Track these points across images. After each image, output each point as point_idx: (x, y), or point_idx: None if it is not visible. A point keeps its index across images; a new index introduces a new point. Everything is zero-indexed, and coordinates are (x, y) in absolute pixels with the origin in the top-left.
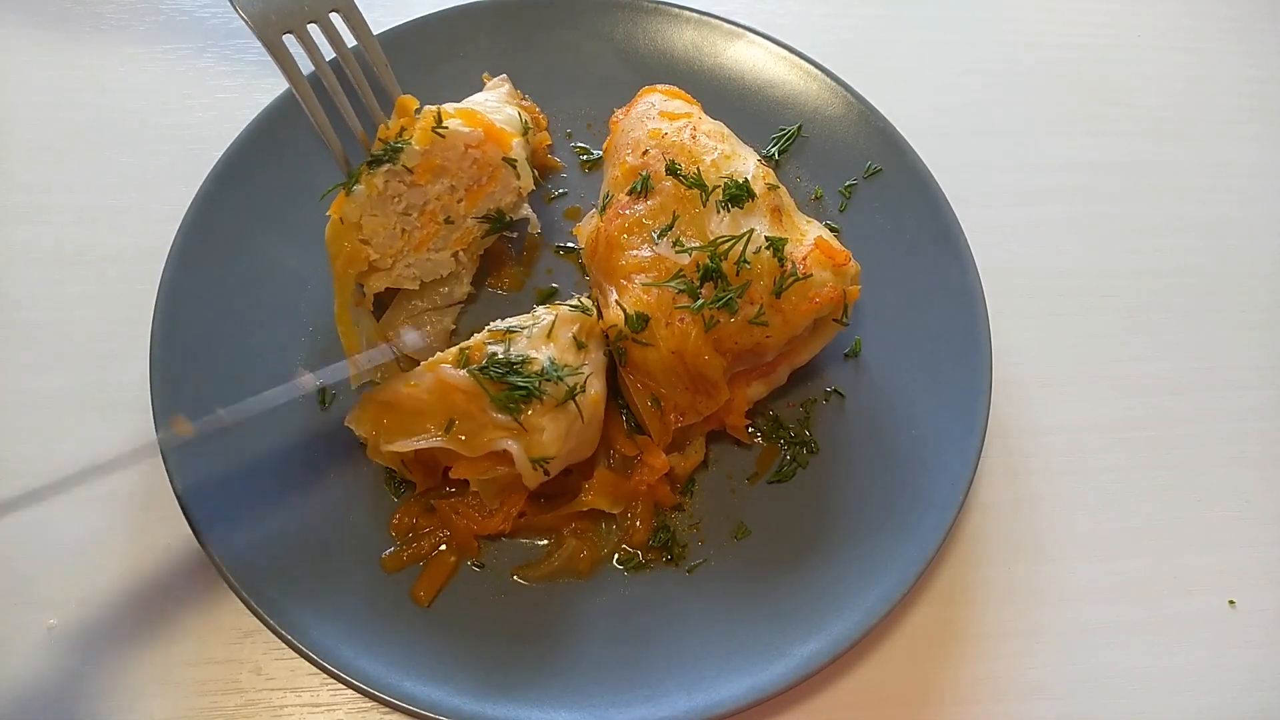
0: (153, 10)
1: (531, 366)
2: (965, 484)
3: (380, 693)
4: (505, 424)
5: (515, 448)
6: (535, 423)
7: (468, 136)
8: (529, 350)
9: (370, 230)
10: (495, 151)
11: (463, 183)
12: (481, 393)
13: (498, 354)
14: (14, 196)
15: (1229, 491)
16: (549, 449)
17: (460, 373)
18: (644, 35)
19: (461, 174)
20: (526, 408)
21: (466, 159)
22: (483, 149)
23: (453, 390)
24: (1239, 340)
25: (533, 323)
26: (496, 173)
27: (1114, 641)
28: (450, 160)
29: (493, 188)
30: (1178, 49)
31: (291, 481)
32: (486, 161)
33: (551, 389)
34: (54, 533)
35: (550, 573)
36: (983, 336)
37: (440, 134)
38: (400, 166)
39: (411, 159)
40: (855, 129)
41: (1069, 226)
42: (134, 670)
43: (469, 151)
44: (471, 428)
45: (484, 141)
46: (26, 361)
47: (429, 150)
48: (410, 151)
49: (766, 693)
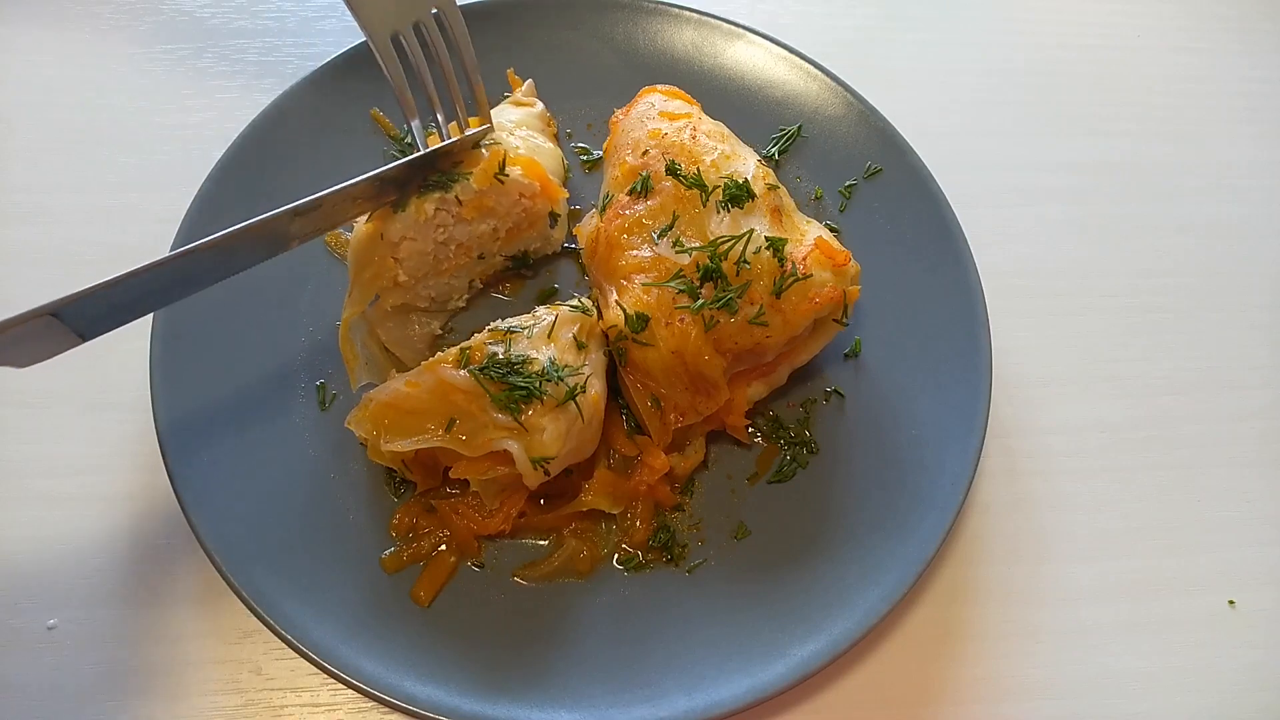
0: (153, 10)
1: (532, 367)
2: (965, 484)
3: (380, 693)
4: (506, 424)
5: (516, 448)
6: (536, 423)
7: (525, 187)
8: (529, 350)
9: (406, 253)
10: (545, 205)
11: (505, 225)
12: (482, 393)
13: (498, 354)
14: (14, 196)
15: (1229, 491)
16: (549, 449)
17: (461, 373)
18: (644, 35)
19: (508, 218)
20: (527, 408)
21: (517, 206)
22: (534, 200)
23: (453, 390)
24: (1239, 340)
25: (533, 323)
26: (539, 221)
27: (1114, 641)
28: (502, 205)
29: (530, 234)
30: (1178, 49)
31: (291, 482)
32: (534, 211)
33: (552, 389)
34: (54, 533)
35: (550, 573)
36: (983, 336)
37: (501, 180)
38: (453, 197)
39: (466, 193)
40: (855, 129)
41: (1069, 226)
42: (134, 670)
43: (521, 200)
44: (472, 427)
45: (538, 195)
46: None
47: (484, 191)
48: (466, 186)
49: (766, 693)
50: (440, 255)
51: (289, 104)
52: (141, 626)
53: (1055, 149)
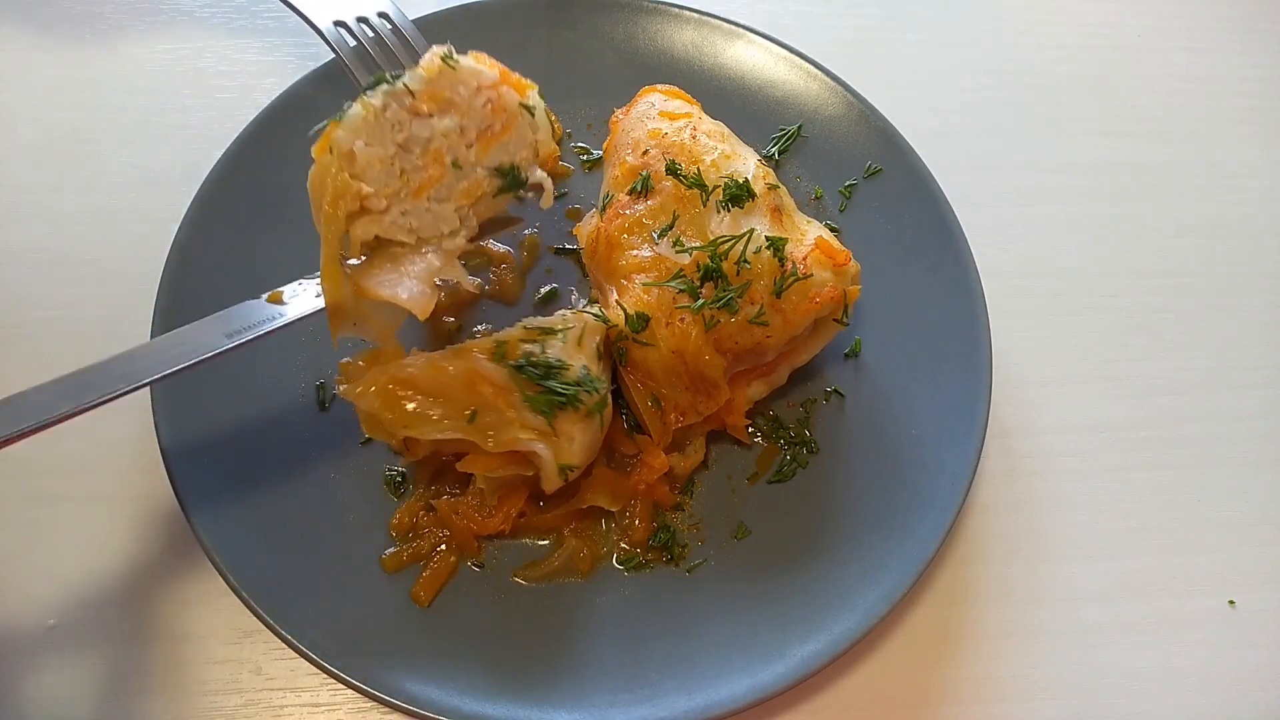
0: (153, 10)
1: (568, 374)
2: (965, 484)
3: (380, 693)
4: (537, 425)
5: (546, 452)
6: (567, 430)
7: (481, 75)
8: (563, 355)
9: (365, 162)
10: (512, 97)
11: (473, 125)
12: (511, 389)
13: (533, 354)
14: (14, 196)
15: (1229, 491)
16: (576, 457)
17: (496, 366)
18: (644, 35)
19: (473, 115)
20: (560, 413)
21: (479, 98)
22: (498, 92)
23: (483, 381)
24: (1239, 340)
25: (564, 327)
26: (511, 121)
27: (1114, 641)
28: (460, 97)
29: (505, 136)
30: (1178, 49)
31: (291, 482)
32: (500, 107)
33: (585, 399)
34: (54, 533)
35: (550, 573)
36: (983, 336)
37: (450, 65)
38: (401, 87)
39: (416, 82)
40: (855, 129)
41: (1069, 226)
42: (134, 670)
43: (482, 91)
44: (497, 422)
45: (499, 84)
46: (26, 361)
47: (436, 79)
48: (414, 75)
49: (766, 693)
50: (406, 165)
51: (289, 104)
52: (141, 626)
53: (1055, 149)
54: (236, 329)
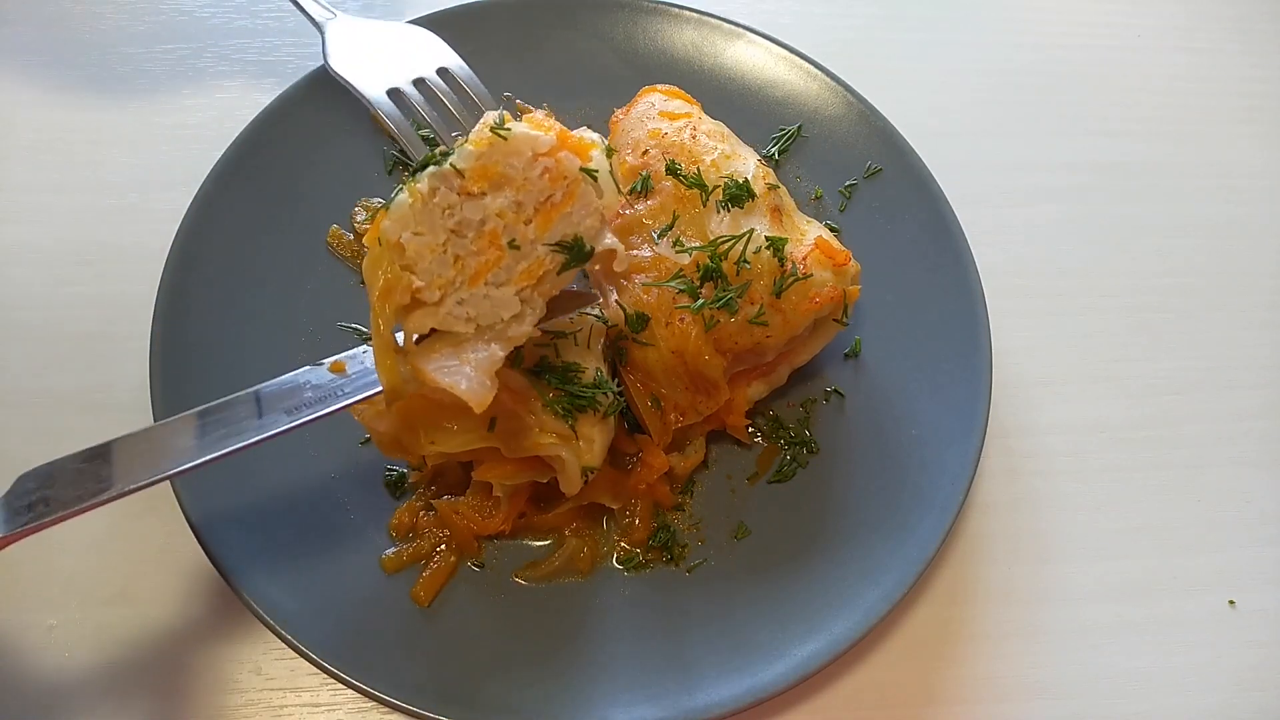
0: (153, 10)
1: (585, 376)
2: (965, 484)
3: (380, 693)
4: (560, 430)
5: (569, 456)
6: (587, 433)
7: (536, 141)
8: (575, 358)
9: (415, 253)
10: (572, 162)
11: (531, 199)
12: (530, 394)
13: (548, 358)
14: (14, 196)
15: (1229, 491)
16: (596, 459)
17: (514, 372)
18: (644, 35)
19: (529, 188)
20: (581, 416)
21: (535, 168)
22: (555, 158)
23: (499, 388)
24: (1239, 340)
25: (574, 329)
26: (573, 189)
27: (1114, 641)
28: (514, 169)
29: (568, 207)
30: (1178, 49)
31: (292, 482)
32: (560, 174)
33: (603, 400)
34: (54, 533)
35: (551, 573)
36: (983, 336)
37: (502, 135)
38: (450, 168)
39: (464, 160)
40: (855, 129)
41: (1069, 226)
42: (134, 670)
43: (538, 160)
44: (515, 428)
45: (556, 149)
46: (26, 361)
47: (486, 153)
48: (464, 152)
49: (766, 693)
50: (460, 250)
51: (289, 104)
52: (141, 626)
53: (1055, 149)
54: (296, 404)
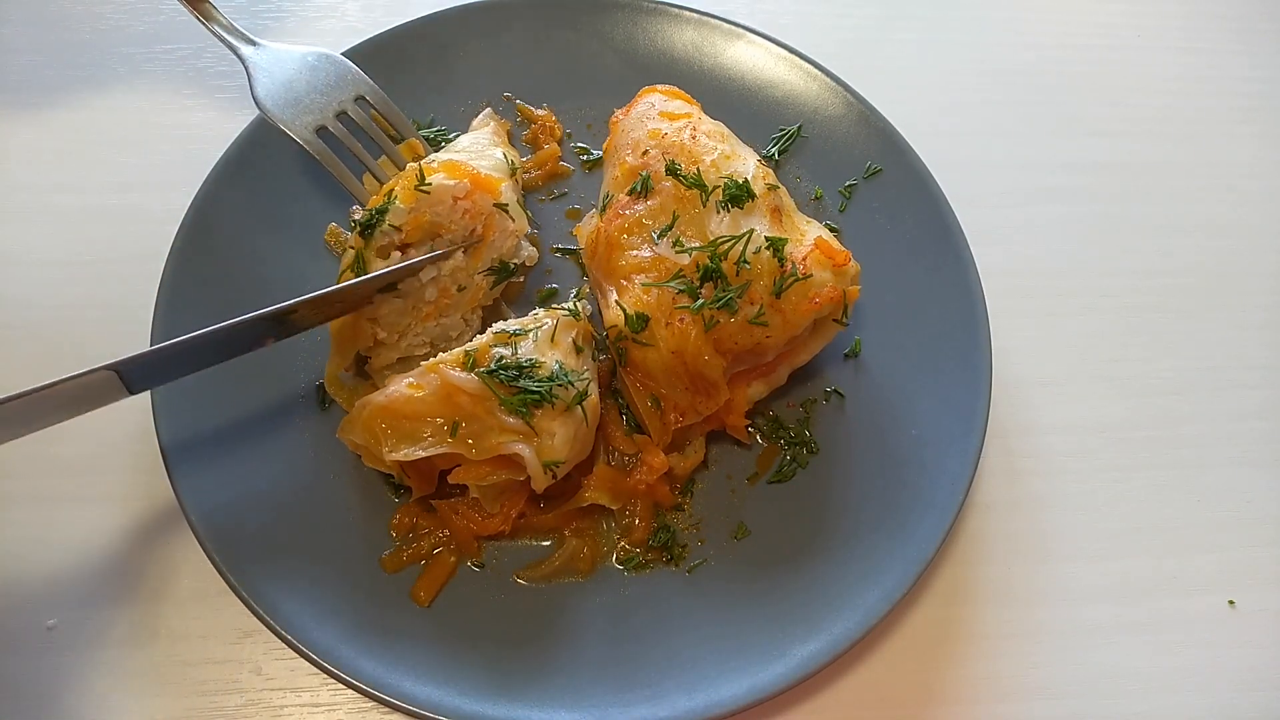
0: (153, 10)
1: (541, 370)
2: (965, 484)
3: (380, 693)
4: (516, 427)
5: (528, 451)
6: (546, 426)
7: (454, 189)
8: (535, 354)
9: (382, 311)
10: (485, 200)
11: (460, 238)
12: (488, 395)
13: (504, 357)
14: (14, 196)
15: (1229, 491)
16: (559, 453)
17: (468, 375)
18: (644, 35)
19: (458, 227)
20: (537, 411)
21: (457, 211)
22: (471, 199)
23: (458, 393)
24: (1239, 340)
25: (535, 326)
26: (491, 220)
27: (1114, 641)
28: (441, 215)
29: (491, 236)
30: (1178, 49)
31: (292, 482)
32: (478, 211)
33: (561, 393)
34: (54, 533)
35: (551, 573)
36: (983, 336)
37: (424, 190)
38: (387, 227)
39: (398, 217)
40: (855, 129)
41: (1069, 226)
42: (134, 670)
43: (458, 204)
44: (478, 430)
45: (471, 191)
46: (26, 361)
47: (415, 208)
48: (396, 210)
49: (766, 693)
50: (415, 300)
51: None
52: (141, 626)
53: (1055, 149)
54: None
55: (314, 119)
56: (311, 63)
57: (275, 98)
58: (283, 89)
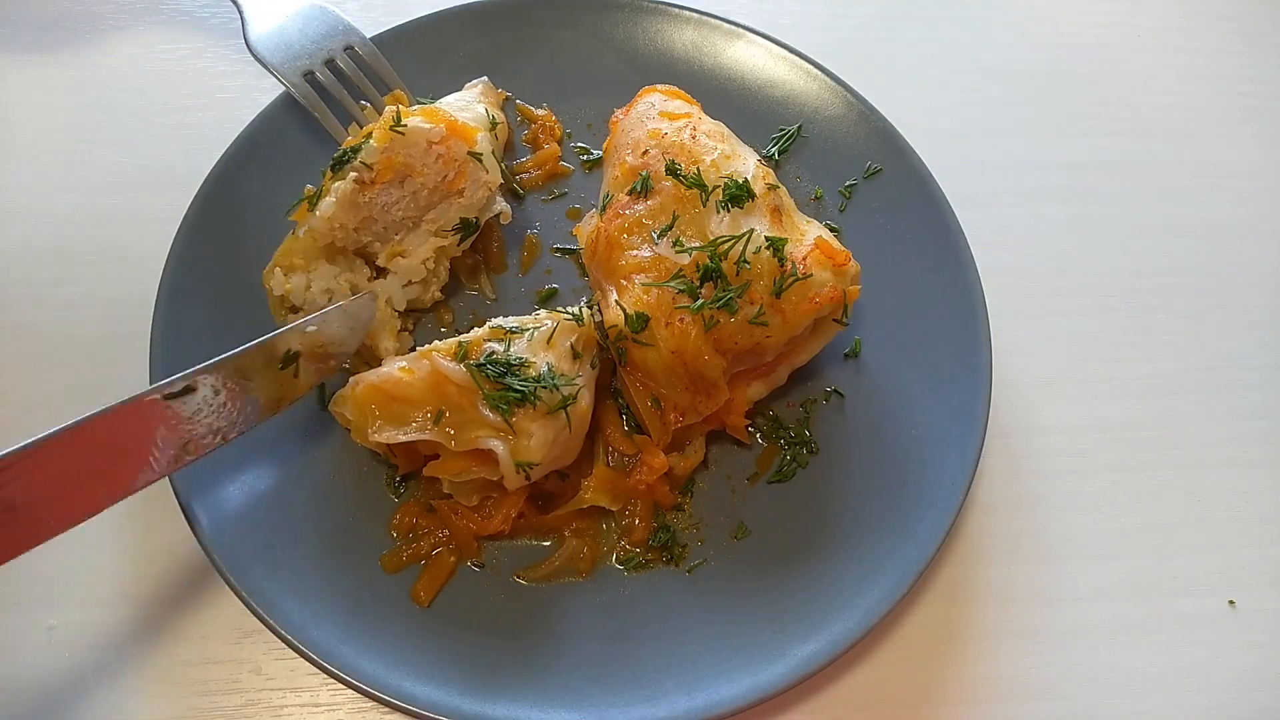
0: (153, 10)
1: (529, 370)
2: (965, 484)
3: (380, 693)
4: (495, 423)
5: (501, 448)
6: (524, 426)
7: (429, 133)
8: (527, 353)
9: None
10: (460, 147)
11: (430, 181)
12: (475, 388)
13: (495, 352)
14: (14, 196)
15: (1229, 491)
16: (534, 454)
17: (456, 365)
18: (644, 35)
19: (430, 171)
20: (519, 410)
21: (430, 155)
22: (446, 145)
23: (446, 382)
24: (1239, 340)
25: (534, 326)
26: (464, 168)
27: (1114, 641)
28: (414, 158)
29: (462, 183)
30: (1178, 49)
31: (292, 481)
32: (452, 158)
33: (546, 396)
34: None
35: (551, 573)
36: (983, 336)
37: (399, 131)
38: (360, 163)
39: (370, 156)
40: (855, 129)
41: (1069, 226)
42: (134, 670)
43: (433, 148)
44: (460, 422)
45: (447, 137)
46: (26, 361)
47: (389, 148)
48: (369, 149)
49: (766, 693)
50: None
51: (289, 104)
52: (141, 626)
53: (1055, 149)
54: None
55: (303, 64)
56: (304, 11)
57: (266, 42)
58: (275, 34)
